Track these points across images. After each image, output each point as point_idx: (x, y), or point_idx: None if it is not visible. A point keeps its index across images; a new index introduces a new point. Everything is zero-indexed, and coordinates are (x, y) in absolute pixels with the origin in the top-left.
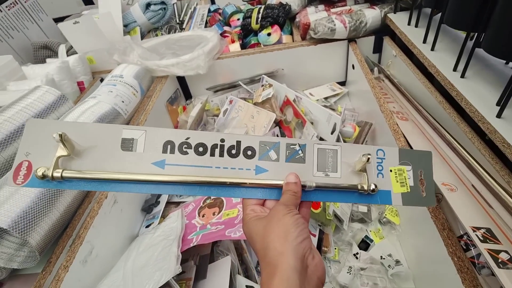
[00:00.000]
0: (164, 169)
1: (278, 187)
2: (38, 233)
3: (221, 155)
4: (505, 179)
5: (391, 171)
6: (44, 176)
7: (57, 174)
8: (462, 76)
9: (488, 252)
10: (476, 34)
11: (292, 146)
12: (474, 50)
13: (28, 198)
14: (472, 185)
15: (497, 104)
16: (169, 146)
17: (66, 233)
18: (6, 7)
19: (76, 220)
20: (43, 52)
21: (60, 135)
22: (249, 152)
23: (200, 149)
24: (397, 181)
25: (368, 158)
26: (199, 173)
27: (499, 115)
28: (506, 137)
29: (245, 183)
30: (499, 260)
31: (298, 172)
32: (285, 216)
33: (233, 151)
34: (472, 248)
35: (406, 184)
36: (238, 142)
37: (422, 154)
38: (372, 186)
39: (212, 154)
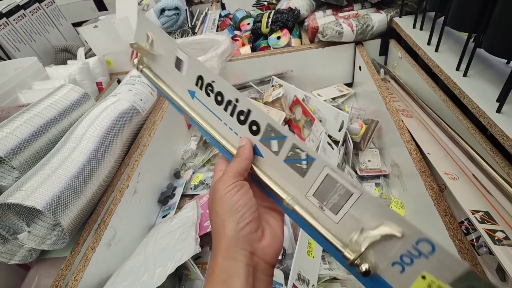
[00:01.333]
0: (193, 99)
1: None
2: (68, 216)
3: (232, 114)
4: (505, 170)
5: (423, 277)
6: (136, 65)
7: (140, 66)
8: (465, 75)
9: (485, 231)
10: (477, 35)
11: (298, 150)
12: (476, 50)
13: (60, 183)
14: (473, 175)
15: (497, 100)
16: (200, 81)
17: (92, 218)
18: (30, 12)
19: (101, 207)
20: (63, 54)
21: (148, 39)
22: (254, 128)
23: (219, 98)
24: None
25: (393, 231)
26: (213, 121)
27: (498, 110)
28: (505, 130)
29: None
30: (496, 238)
31: (290, 182)
32: (225, 195)
33: (242, 117)
34: (472, 232)
35: None
36: (249, 111)
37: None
38: (366, 267)
39: (226, 109)
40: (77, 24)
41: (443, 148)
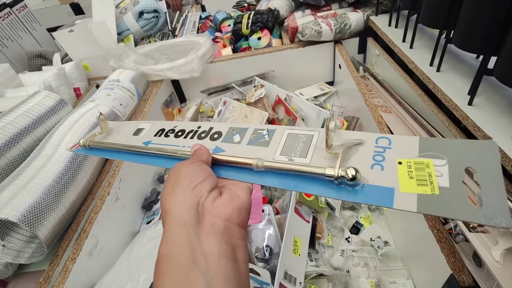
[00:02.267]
0: (147, 145)
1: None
2: (46, 227)
3: (192, 137)
4: None
5: (400, 163)
6: (83, 144)
7: (86, 142)
8: (438, 70)
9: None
10: (448, 31)
11: (259, 131)
12: (447, 46)
13: (36, 193)
14: None
15: (468, 93)
16: (160, 132)
17: (71, 228)
18: (1, 17)
19: (81, 215)
20: (38, 60)
21: (99, 114)
22: (216, 136)
23: (179, 133)
24: (411, 178)
25: (332, 124)
26: (170, 150)
27: (470, 103)
28: (477, 122)
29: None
30: (471, 226)
31: (257, 155)
32: (182, 166)
33: (203, 135)
34: (450, 221)
35: (431, 184)
36: (210, 128)
37: (475, 147)
38: (351, 172)
39: (185, 137)
40: (52, 29)
41: None
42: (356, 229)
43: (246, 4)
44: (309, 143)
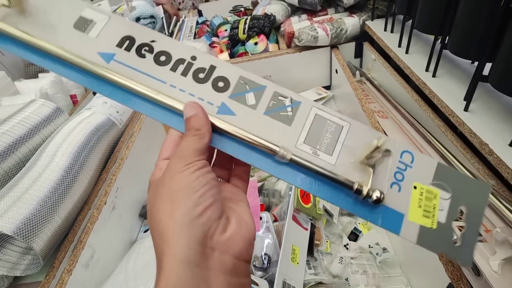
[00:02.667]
0: (108, 63)
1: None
2: (41, 239)
3: (184, 74)
4: (475, 166)
5: (415, 187)
6: None
7: None
8: (434, 75)
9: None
10: (443, 37)
11: (280, 98)
12: (442, 52)
13: (31, 205)
14: None
15: (464, 99)
16: (127, 42)
17: (67, 239)
18: None
19: (77, 226)
20: (35, 67)
21: None
22: (221, 84)
23: (162, 58)
24: (420, 206)
25: (378, 147)
26: (151, 85)
27: (466, 109)
28: (473, 128)
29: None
30: None
31: (277, 135)
32: (175, 176)
33: (201, 75)
34: None
35: (433, 217)
36: (212, 67)
37: (474, 185)
38: (377, 194)
39: (174, 69)
40: None
41: (417, 148)
42: (354, 235)
43: (242, 9)
44: (337, 137)
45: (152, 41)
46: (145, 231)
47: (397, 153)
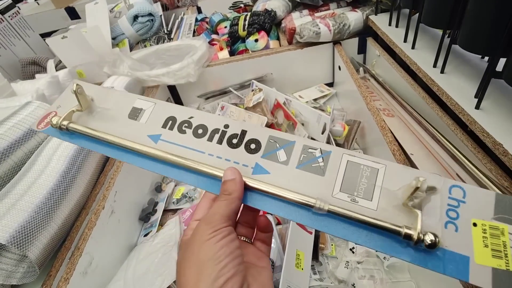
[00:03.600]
0: (156, 143)
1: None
2: (37, 247)
3: (220, 141)
4: (487, 166)
5: (475, 225)
6: (56, 125)
7: (64, 123)
8: (442, 71)
9: None
10: (452, 31)
11: (310, 150)
12: (451, 47)
13: (26, 212)
14: (457, 174)
15: (475, 97)
16: (170, 122)
17: (64, 246)
18: None
19: (74, 232)
20: (32, 68)
21: (76, 85)
22: (253, 146)
23: (200, 131)
24: (486, 246)
25: (418, 188)
26: (192, 157)
27: (477, 107)
28: (485, 127)
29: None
30: None
31: (312, 186)
32: (203, 244)
33: (234, 141)
34: None
35: (506, 256)
36: (243, 132)
37: None
38: (430, 237)
39: (210, 139)
40: (47, 34)
41: (426, 147)
42: None
43: (242, 5)
44: (374, 181)
45: (190, 117)
46: (145, 235)
47: (445, 189)
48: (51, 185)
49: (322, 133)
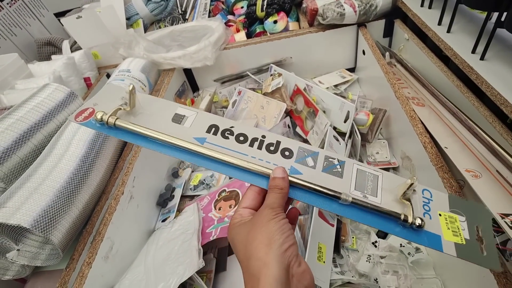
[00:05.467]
0: (202, 144)
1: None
2: (59, 230)
3: (260, 147)
4: None
5: (440, 215)
6: (101, 119)
7: (111, 120)
8: (482, 58)
9: None
10: (499, 13)
11: (330, 159)
12: (495, 31)
13: (48, 196)
14: (497, 171)
15: None
16: (213, 129)
17: (86, 230)
18: (7, 3)
19: (95, 216)
20: (47, 48)
21: (132, 87)
22: (287, 153)
23: (241, 138)
24: (449, 228)
25: (412, 184)
26: (237, 157)
27: None
28: None
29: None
30: None
31: (334, 185)
32: (270, 221)
33: (272, 148)
34: (498, 234)
35: (460, 235)
36: (278, 142)
37: (480, 209)
38: (419, 221)
39: (251, 145)
40: (60, 14)
41: (461, 140)
42: (383, 232)
43: None
44: (377, 183)
45: (232, 127)
46: (163, 221)
47: (419, 190)
48: (71, 170)
49: (345, 121)
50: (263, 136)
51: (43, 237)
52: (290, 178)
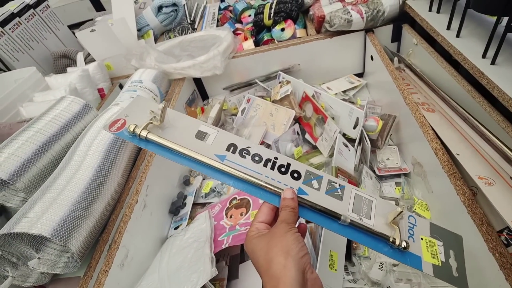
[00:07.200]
0: (223, 161)
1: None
2: (77, 239)
3: (272, 168)
4: None
5: (422, 239)
6: (133, 132)
7: (144, 133)
8: (493, 63)
9: None
10: (509, 18)
11: (332, 183)
12: (506, 36)
13: (66, 206)
14: (511, 178)
15: None
16: (232, 147)
17: (102, 238)
18: (25, 19)
19: (111, 225)
20: (63, 61)
21: (165, 105)
22: (296, 175)
23: (256, 158)
24: (428, 251)
25: (401, 212)
26: (253, 175)
27: None
28: None
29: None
30: None
31: (335, 207)
32: (287, 233)
33: (283, 169)
34: None
35: (437, 258)
36: (288, 164)
37: (454, 236)
38: (404, 244)
39: (265, 165)
40: (74, 26)
41: (473, 147)
42: None
43: None
44: (371, 208)
45: (248, 147)
46: (175, 228)
47: (406, 216)
48: (87, 180)
49: (354, 128)
50: (276, 158)
51: (62, 245)
52: (298, 199)
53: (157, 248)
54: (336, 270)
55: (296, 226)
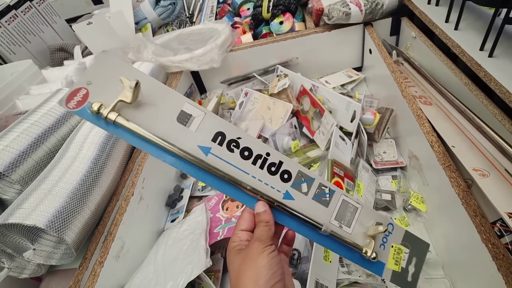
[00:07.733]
0: (206, 156)
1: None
2: (72, 231)
3: (262, 167)
4: None
5: (392, 246)
6: (98, 112)
7: (111, 116)
8: (490, 55)
9: None
10: (507, 10)
11: (323, 187)
12: (504, 27)
13: (61, 198)
14: (505, 170)
15: None
16: (219, 138)
17: (98, 230)
18: (22, 12)
19: (106, 217)
20: (60, 54)
21: (137, 83)
22: (286, 176)
23: (246, 153)
24: (393, 258)
25: (384, 231)
26: (238, 176)
27: None
28: None
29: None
30: None
31: (317, 213)
32: (259, 256)
33: (273, 168)
34: (506, 234)
35: (399, 264)
36: (280, 162)
37: (421, 244)
38: (374, 255)
39: (254, 163)
40: (72, 20)
41: (469, 139)
42: None
43: None
44: (354, 215)
45: (238, 138)
46: (172, 221)
47: (385, 224)
48: (83, 172)
49: (351, 121)
50: (267, 154)
51: (57, 237)
52: (281, 206)
53: (153, 241)
54: (330, 262)
55: (283, 233)
